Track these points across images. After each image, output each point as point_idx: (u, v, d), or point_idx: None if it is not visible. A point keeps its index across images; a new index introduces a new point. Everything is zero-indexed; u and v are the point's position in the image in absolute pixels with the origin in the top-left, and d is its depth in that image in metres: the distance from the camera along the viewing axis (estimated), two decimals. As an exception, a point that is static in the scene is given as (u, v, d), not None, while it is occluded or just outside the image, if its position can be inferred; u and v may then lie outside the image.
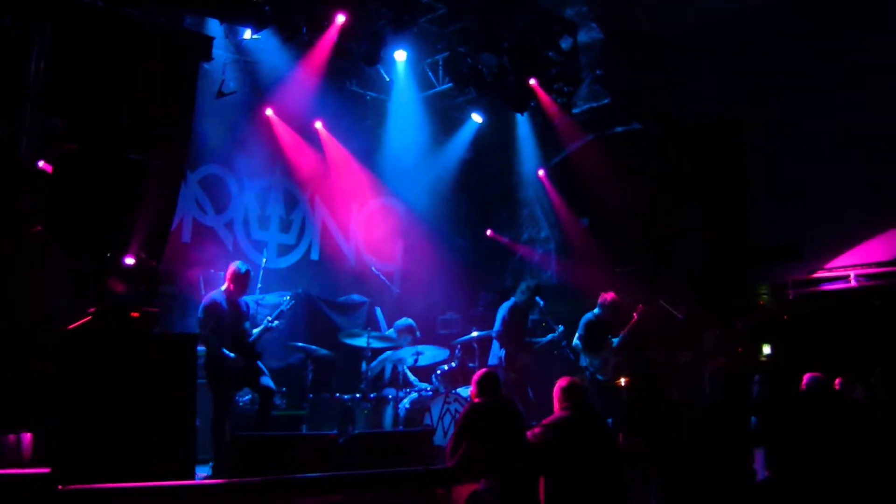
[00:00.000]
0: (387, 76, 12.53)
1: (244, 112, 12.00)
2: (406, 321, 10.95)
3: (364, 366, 10.12)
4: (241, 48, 11.40)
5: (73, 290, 6.93)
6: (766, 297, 12.56)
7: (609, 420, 7.37)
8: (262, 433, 8.49)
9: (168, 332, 9.45)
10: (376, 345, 10.27)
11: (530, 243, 14.73)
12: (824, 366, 8.53)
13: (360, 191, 13.94)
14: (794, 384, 8.17)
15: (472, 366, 10.76)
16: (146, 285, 7.25)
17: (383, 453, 8.02)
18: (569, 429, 6.51)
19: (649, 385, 7.06)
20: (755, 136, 12.65)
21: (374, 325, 11.75)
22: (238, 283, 8.83)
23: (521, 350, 10.64)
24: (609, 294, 10.87)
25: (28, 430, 6.20)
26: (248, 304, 9.13)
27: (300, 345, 10.54)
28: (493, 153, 14.63)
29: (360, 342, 10.12)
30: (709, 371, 7.43)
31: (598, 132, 13.67)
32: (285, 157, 12.80)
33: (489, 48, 11.35)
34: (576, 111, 13.18)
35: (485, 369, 7.40)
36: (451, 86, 12.39)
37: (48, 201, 6.82)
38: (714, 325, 11.92)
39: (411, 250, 14.33)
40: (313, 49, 10.82)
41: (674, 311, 11.91)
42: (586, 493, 6.20)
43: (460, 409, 9.44)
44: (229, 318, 8.73)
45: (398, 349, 10.44)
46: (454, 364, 10.67)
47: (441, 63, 12.34)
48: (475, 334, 10.82)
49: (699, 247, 12.80)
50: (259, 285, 10.47)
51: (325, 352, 10.49)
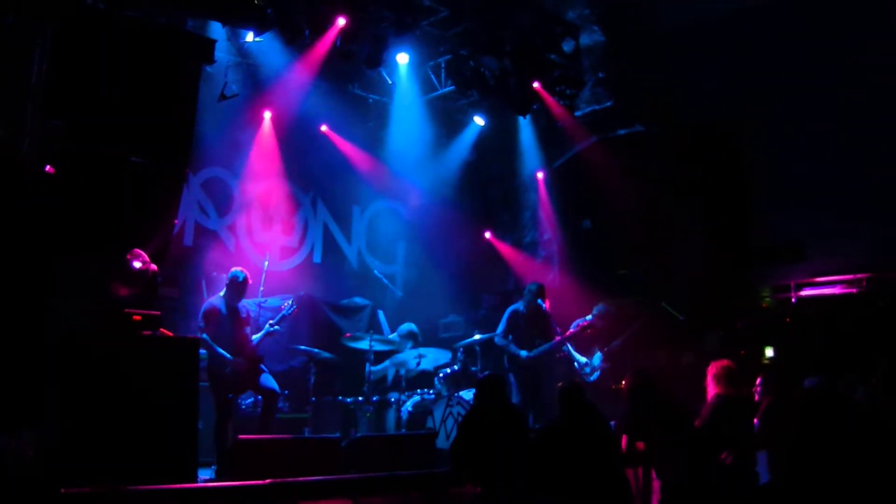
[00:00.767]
0: (389, 79, 12.54)
1: (246, 115, 12.00)
2: (408, 326, 10.97)
3: (367, 368, 10.12)
4: (243, 51, 11.42)
5: (75, 292, 6.92)
6: (768, 299, 12.54)
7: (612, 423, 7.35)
8: (264, 436, 8.49)
9: (170, 334, 9.48)
10: (379, 348, 10.27)
11: (533, 245, 14.71)
12: (826, 368, 8.52)
13: (363, 193, 13.94)
14: (797, 386, 8.15)
15: (474, 369, 10.75)
16: (145, 290, 7.23)
17: (386, 456, 8.03)
18: (564, 433, 6.50)
19: (648, 388, 7.05)
20: (757, 136, 12.63)
21: (377, 328, 11.75)
22: (235, 289, 8.85)
23: (526, 353, 10.59)
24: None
25: (30, 432, 6.19)
26: (248, 310, 9.14)
27: (303, 348, 10.54)
28: (495, 156, 14.61)
29: (363, 345, 10.12)
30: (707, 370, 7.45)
31: (601, 134, 13.65)
32: (287, 160, 12.80)
33: (491, 51, 11.34)
34: (578, 114, 13.17)
35: (488, 373, 7.39)
36: (453, 88, 12.38)
37: (50, 203, 6.81)
38: (716, 327, 11.90)
39: (413, 253, 14.33)
40: (315, 52, 10.82)
41: (675, 313, 11.90)
42: (585, 496, 6.19)
43: (463, 412, 9.44)
44: (228, 324, 8.74)
45: (399, 352, 10.45)
46: (457, 367, 10.67)
47: (443, 65, 12.33)
48: (477, 337, 10.81)
49: (701, 248, 12.77)
50: (261, 288, 10.48)
51: (327, 355, 10.49)
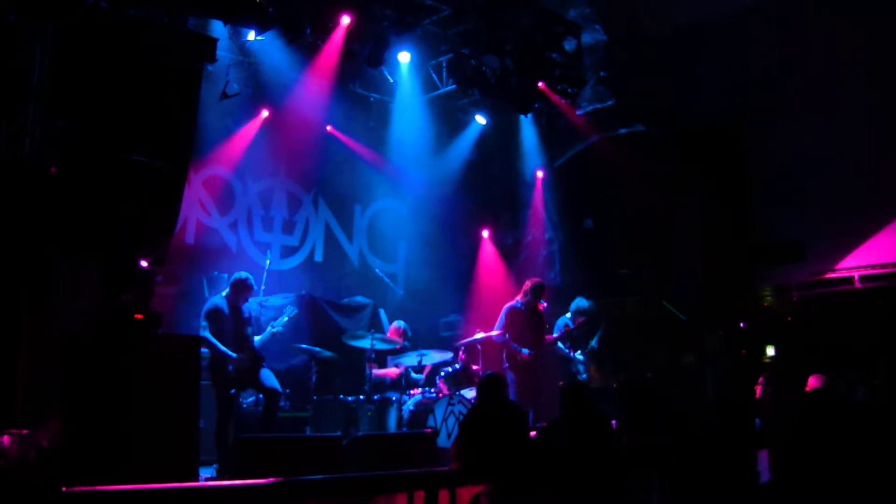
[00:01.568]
0: (390, 78, 12.54)
1: (248, 113, 12.00)
2: (397, 324, 11.04)
3: (367, 370, 10.13)
4: (244, 50, 11.42)
5: (77, 291, 6.93)
6: (770, 298, 12.55)
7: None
8: (265, 435, 8.50)
9: (172, 333, 9.49)
10: (380, 346, 10.28)
11: (534, 244, 14.71)
12: (828, 367, 8.53)
13: (364, 192, 13.95)
14: (798, 385, 8.16)
15: (475, 368, 10.76)
16: (140, 291, 7.24)
17: (387, 455, 8.02)
18: (565, 432, 6.50)
19: (642, 386, 7.06)
20: (758, 136, 12.63)
21: (378, 326, 11.75)
22: (239, 290, 8.87)
23: (526, 349, 10.59)
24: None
25: (31, 431, 6.19)
26: (249, 311, 9.15)
27: (304, 347, 10.55)
28: (496, 154, 14.61)
29: (364, 344, 10.12)
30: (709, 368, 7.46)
31: (602, 133, 13.67)
32: (289, 159, 12.82)
33: (492, 50, 11.35)
34: (579, 112, 13.19)
35: (489, 372, 7.39)
36: (454, 87, 12.39)
37: (52, 202, 6.82)
38: (717, 326, 11.91)
39: (415, 252, 14.33)
40: (317, 51, 10.83)
41: (677, 312, 11.91)
42: (586, 495, 6.19)
43: (464, 410, 9.44)
44: (231, 323, 8.75)
45: (402, 354, 10.47)
46: (458, 366, 10.69)
47: (444, 64, 12.33)
48: (479, 336, 10.81)
49: (702, 247, 12.78)
50: (262, 287, 10.48)
51: (328, 354, 10.50)
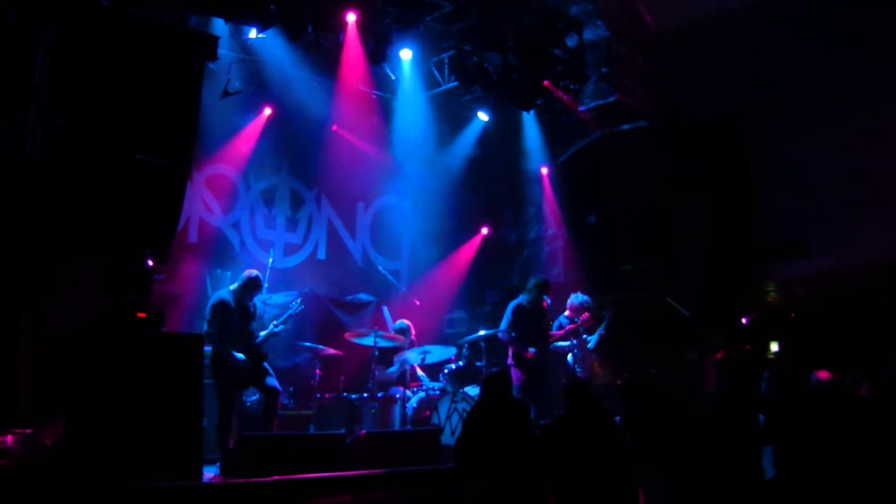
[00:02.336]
0: (393, 75, 12.52)
1: (250, 111, 12.00)
2: (400, 324, 11.04)
3: (372, 366, 10.13)
4: (246, 47, 11.41)
5: (79, 290, 6.94)
6: (773, 295, 12.53)
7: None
8: (268, 433, 8.50)
9: (174, 331, 9.49)
10: (384, 344, 10.27)
11: (537, 241, 14.70)
12: (832, 364, 8.51)
13: (367, 190, 13.94)
14: (802, 382, 8.15)
15: (479, 365, 10.76)
16: (140, 289, 7.24)
17: (391, 453, 8.03)
18: (569, 429, 6.50)
19: (646, 383, 7.06)
20: (761, 132, 12.61)
21: (382, 324, 11.75)
22: (249, 288, 8.88)
23: (532, 346, 10.57)
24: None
25: (35, 429, 6.21)
26: (255, 305, 9.14)
27: (307, 344, 10.55)
28: (499, 151, 14.61)
29: (368, 341, 10.12)
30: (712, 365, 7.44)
31: (605, 130, 13.64)
32: (291, 157, 12.82)
33: (495, 46, 11.32)
34: (582, 109, 13.16)
35: (494, 369, 7.40)
36: (456, 84, 12.36)
37: (54, 202, 6.82)
38: (720, 323, 11.90)
39: (418, 249, 14.33)
40: (320, 48, 10.82)
41: (680, 308, 11.90)
42: (590, 492, 6.19)
43: (468, 408, 9.44)
44: (237, 318, 8.75)
45: (404, 352, 10.47)
46: (461, 363, 10.68)
47: (447, 61, 12.31)
48: (482, 333, 10.80)
49: (705, 244, 12.77)
50: (266, 285, 10.48)
51: (332, 351, 10.50)
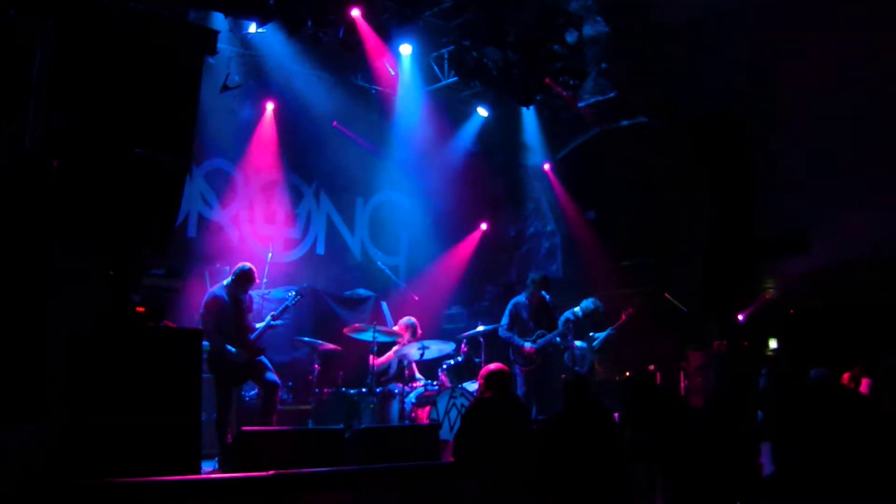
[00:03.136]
0: (392, 70, 12.51)
1: (249, 106, 12.01)
2: (407, 320, 11.01)
3: (371, 361, 10.13)
4: (245, 42, 11.41)
5: (78, 286, 6.93)
6: (772, 291, 12.54)
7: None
8: (267, 428, 8.50)
9: (173, 326, 9.49)
10: (382, 339, 10.27)
11: (536, 237, 14.71)
12: (831, 360, 8.52)
13: (366, 185, 13.93)
14: (801, 379, 8.15)
15: (478, 360, 10.77)
16: (138, 286, 7.25)
17: (389, 448, 8.03)
18: (569, 425, 6.50)
19: (646, 380, 7.07)
20: (761, 128, 12.61)
21: (380, 319, 11.75)
22: (241, 282, 8.87)
23: (528, 344, 10.60)
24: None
25: (35, 424, 6.20)
26: (251, 298, 9.15)
27: (306, 339, 10.54)
28: (498, 147, 14.61)
29: (366, 336, 10.12)
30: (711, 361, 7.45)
31: (604, 125, 13.64)
32: (291, 152, 12.81)
33: (494, 42, 11.31)
34: (581, 105, 13.15)
35: (493, 364, 7.39)
36: (456, 79, 12.35)
37: (53, 198, 6.81)
38: (720, 319, 11.91)
39: (417, 244, 14.33)
40: (319, 43, 10.81)
41: (679, 304, 11.91)
42: (589, 489, 6.19)
43: (466, 403, 9.45)
44: (231, 313, 8.75)
45: (403, 345, 10.46)
46: (460, 359, 10.69)
47: (446, 56, 12.31)
48: (481, 329, 10.81)
49: (705, 239, 12.78)
50: (264, 280, 10.48)
51: (331, 346, 10.50)
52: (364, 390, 10.18)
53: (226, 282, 8.93)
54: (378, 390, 10.12)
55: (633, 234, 13.24)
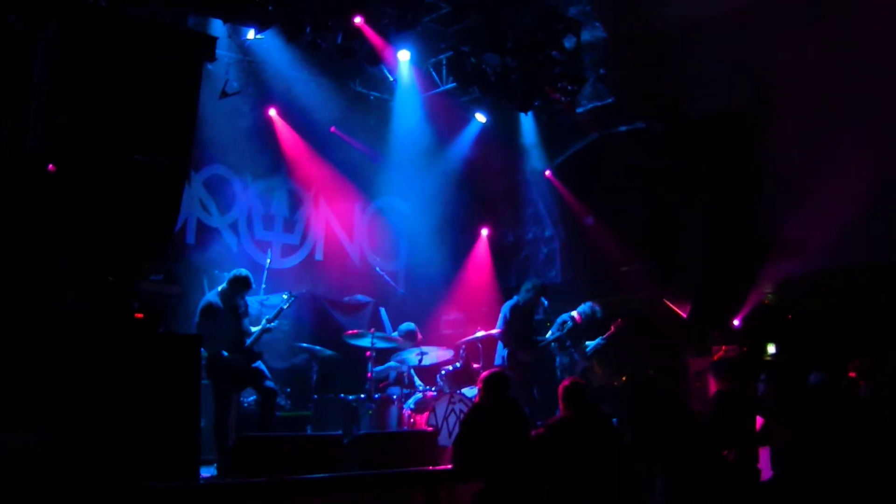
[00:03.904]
0: (390, 76, 12.52)
1: (248, 112, 12.01)
2: (407, 326, 11.00)
3: (369, 367, 10.11)
4: (244, 48, 11.42)
5: (77, 290, 6.93)
6: (771, 295, 12.53)
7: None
8: (266, 433, 8.49)
9: (172, 332, 9.48)
10: (381, 345, 10.26)
11: (534, 242, 14.72)
12: (830, 364, 8.52)
13: (365, 190, 13.93)
14: (800, 383, 8.15)
15: (476, 366, 10.75)
16: (137, 291, 7.26)
17: (388, 454, 8.02)
18: (571, 429, 6.51)
19: (646, 383, 7.08)
20: (759, 132, 12.61)
21: (379, 325, 11.74)
22: (235, 286, 8.86)
23: (524, 349, 10.61)
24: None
25: (34, 425, 6.20)
26: (246, 304, 9.14)
27: (305, 345, 10.54)
28: (497, 152, 14.59)
29: (365, 342, 10.11)
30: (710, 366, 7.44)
31: (603, 131, 13.65)
32: (289, 158, 12.80)
33: (493, 47, 11.32)
34: (580, 110, 13.16)
35: (491, 370, 7.40)
36: (454, 85, 12.36)
37: (54, 201, 6.82)
38: (719, 323, 11.91)
39: (415, 250, 14.32)
40: (318, 49, 10.83)
41: (678, 309, 11.91)
42: (589, 493, 6.19)
43: (465, 409, 9.44)
44: (227, 319, 8.74)
45: (402, 350, 10.45)
46: (459, 364, 10.67)
47: (444, 62, 12.31)
48: (480, 334, 10.80)
49: (703, 244, 12.77)
50: (263, 286, 10.47)
51: (329, 352, 10.48)
52: (363, 396, 10.17)
53: (221, 287, 8.92)
54: (377, 396, 10.11)
55: (632, 240, 13.24)
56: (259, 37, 10.51)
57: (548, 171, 14.30)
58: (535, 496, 6.29)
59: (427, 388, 10.54)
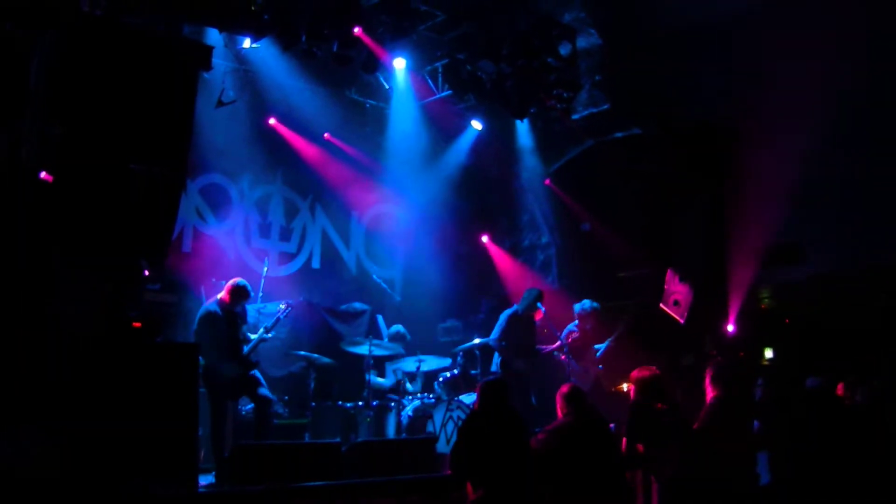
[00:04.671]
0: (386, 84, 12.55)
1: (244, 120, 12.00)
2: (396, 328, 11.03)
3: (367, 376, 10.11)
4: (240, 57, 11.44)
5: (75, 298, 6.92)
6: (767, 300, 12.54)
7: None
8: (264, 442, 8.48)
9: (170, 341, 9.47)
10: (378, 352, 10.26)
11: (531, 249, 14.72)
12: (826, 369, 8.53)
13: (361, 198, 13.94)
14: (797, 388, 8.16)
15: (474, 373, 10.75)
16: (134, 300, 7.26)
17: (386, 461, 8.02)
18: (570, 435, 6.51)
19: (652, 391, 7.08)
20: (755, 138, 12.62)
21: (376, 332, 11.74)
22: (233, 295, 8.86)
23: (520, 357, 10.58)
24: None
25: (31, 436, 6.19)
26: (245, 312, 9.14)
27: (302, 353, 10.53)
28: (493, 159, 14.60)
29: (362, 350, 10.12)
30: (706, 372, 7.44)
31: (598, 137, 13.67)
32: (285, 166, 12.83)
33: (488, 55, 11.35)
34: (575, 116, 13.18)
35: (490, 377, 7.40)
36: (450, 93, 12.38)
37: (50, 210, 6.83)
38: (715, 329, 11.91)
39: (412, 257, 14.32)
40: (314, 57, 10.85)
41: (675, 315, 11.90)
42: (588, 499, 6.19)
43: (463, 416, 9.43)
44: (225, 328, 8.74)
45: (400, 359, 10.46)
46: (456, 371, 10.68)
47: (440, 70, 12.34)
48: (477, 341, 10.81)
49: (700, 250, 12.77)
50: (260, 294, 10.46)
51: (327, 360, 10.48)
52: (360, 404, 10.17)
53: (219, 296, 8.93)
54: (374, 403, 10.11)
55: (629, 246, 13.25)
56: (255, 45, 10.53)
57: (547, 180, 14.31)
58: (534, 502, 6.29)
59: (424, 395, 10.54)
